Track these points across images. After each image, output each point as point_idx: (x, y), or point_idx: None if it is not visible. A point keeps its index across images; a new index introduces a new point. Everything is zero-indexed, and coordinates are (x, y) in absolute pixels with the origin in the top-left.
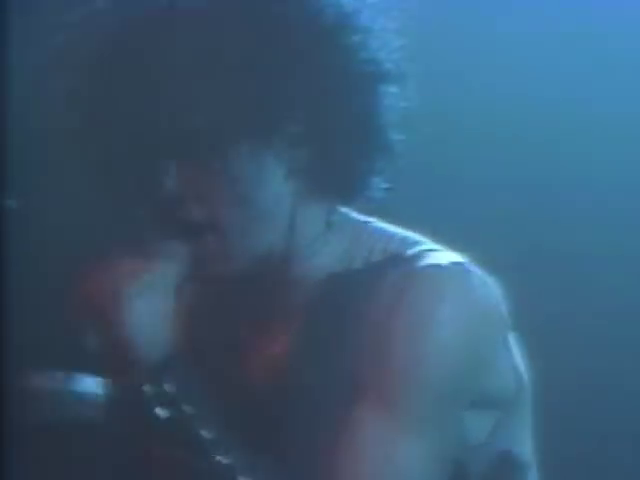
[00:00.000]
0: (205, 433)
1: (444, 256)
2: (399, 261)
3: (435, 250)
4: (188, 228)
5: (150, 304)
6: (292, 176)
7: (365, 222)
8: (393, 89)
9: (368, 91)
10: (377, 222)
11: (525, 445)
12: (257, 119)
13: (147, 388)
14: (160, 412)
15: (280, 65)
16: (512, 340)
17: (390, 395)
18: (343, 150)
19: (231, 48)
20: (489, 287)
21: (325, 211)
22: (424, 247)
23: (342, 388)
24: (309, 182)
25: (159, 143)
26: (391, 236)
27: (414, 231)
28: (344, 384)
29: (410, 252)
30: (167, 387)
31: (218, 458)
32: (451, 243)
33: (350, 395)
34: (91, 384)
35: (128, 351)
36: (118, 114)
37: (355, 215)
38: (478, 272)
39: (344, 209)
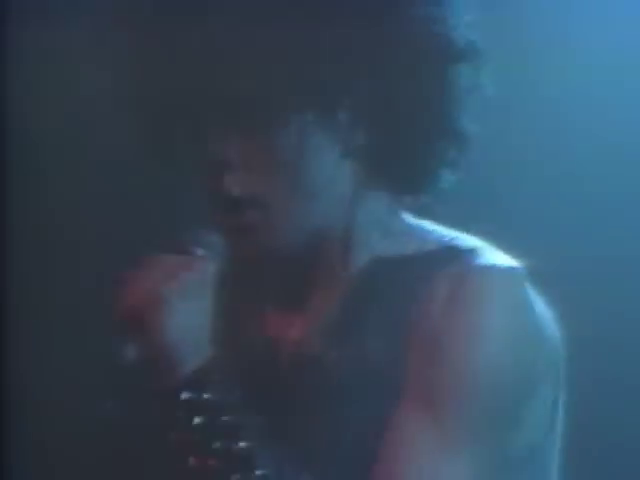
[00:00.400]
0: (243, 444)
1: (503, 258)
2: (456, 254)
3: (492, 251)
4: (233, 201)
5: (188, 305)
6: (349, 158)
7: (416, 221)
8: (467, 71)
9: (438, 70)
10: (428, 223)
11: None
12: (314, 88)
13: (186, 395)
14: (198, 420)
15: (342, 34)
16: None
17: (439, 407)
18: (407, 134)
19: (291, 14)
20: (540, 303)
21: (389, 202)
22: (481, 245)
23: (382, 379)
24: (369, 167)
25: (211, 108)
26: (444, 233)
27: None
28: (384, 375)
29: (467, 247)
30: (207, 395)
31: (255, 470)
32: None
33: (390, 390)
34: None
35: (168, 357)
36: (170, 76)
37: (405, 214)
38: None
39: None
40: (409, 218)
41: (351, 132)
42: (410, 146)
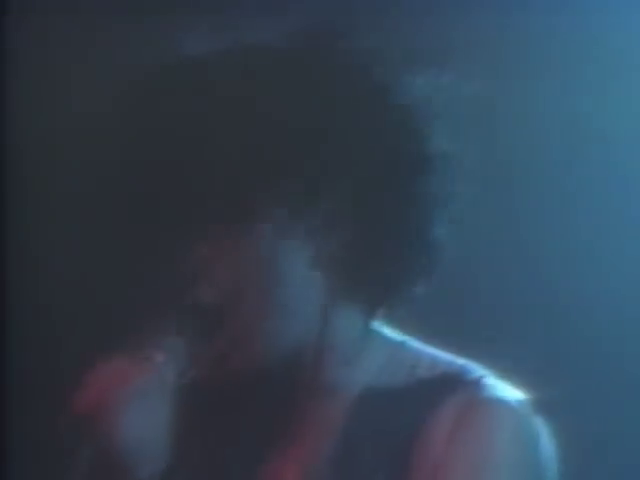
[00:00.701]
0: None
1: (508, 391)
2: (456, 385)
3: (492, 380)
4: (200, 312)
5: (145, 411)
6: (322, 265)
7: (400, 339)
8: (440, 181)
9: (408, 181)
10: (413, 341)
11: None
12: (286, 188)
13: None
14: None
15: (320, 131)
16: None
17: None
18: (376, 243)
19: (268, 108)
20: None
21: (362, 313)
22: (481, 374)
23: None
24: (341, 275)
25: (175, 210)
26: (434, 356)
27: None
28: None
29: (468, 377)
30: None
31: None
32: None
33: None
34: None
35: (121, 464)
36: (136, 177)
37: (388, 331)
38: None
39: (375, 323)
40: (385, 337)
41: (325, 236)
42: (379, 256)
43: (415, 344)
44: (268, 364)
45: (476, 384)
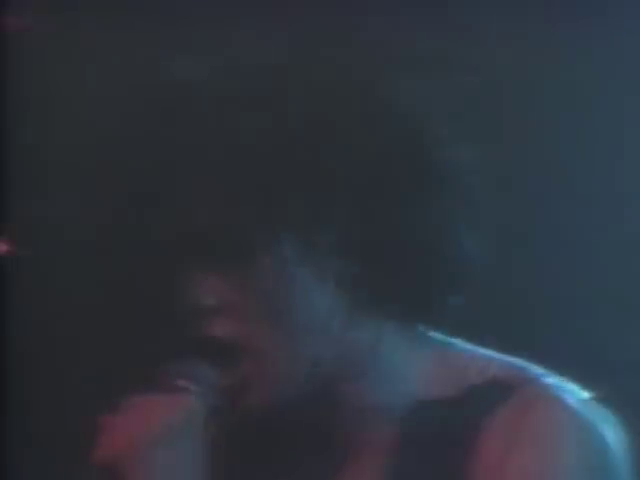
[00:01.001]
0: None
1: (566, 390)
2: (510, 387)
3: (550, 379)
4: (216, 349)
5: (173, 453)
6: (344, 284)
7: (447, 343)
8: (460, 192)
9: (427, 196)
10: (462, 342)
11: None
12: (298, 214)
13: None
14: None
15: (329, 154)
16: None
17: None
18: (400, 260)
19: (274, 129)
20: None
21: (396, 328)
22: (533, 374)
23: None
24: (364, 293)
25: (179, 245)
26: (484, 357)
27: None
28: None
29: (523, 378)
30: None
31: None
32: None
33: None
34: None
35: None
36: (138, 215)
37: (435, 334)
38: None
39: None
40: (432, 342)
41: (341, 259)
42: (405, 272)
43: (462, 346)
44: (298, 392)
45: (532, 384)
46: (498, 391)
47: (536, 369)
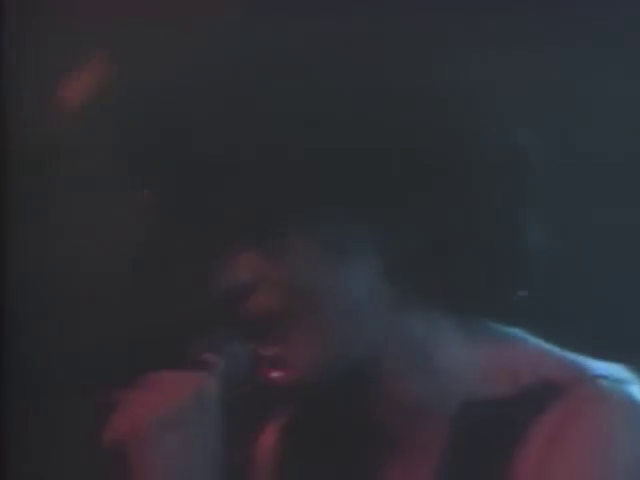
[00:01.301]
0: None
1: (623, 390)
2: (557, 391)
3: (608, 379)
4: (256, 324)
5: (183, 437)
6: (394, 273)
7: (503, 337)
8: (520, 171)
9: (487, 173)
10: (521, 334)
11: None
12: (346, 187)
13: None
14: None
15: (380, 136)
16: None
17: None
18: (458, 251)
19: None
20: None
21: (448, 322)
22: (589, 373)
23: None
24: (414, 283)
25: (213, 219)
26: (541, 355)
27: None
28: None
29: (572, 379)
30: None
31: None
32: None
33: None
34: None
35: None
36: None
37: (490, 327)
38: None
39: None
40: (488, 333)
41: (390, 241)
42: (456, 260)
43: (517, 340)
44: (334, 377)
45: (585, 384)
46: (549, 392)
47: (595, 367)
